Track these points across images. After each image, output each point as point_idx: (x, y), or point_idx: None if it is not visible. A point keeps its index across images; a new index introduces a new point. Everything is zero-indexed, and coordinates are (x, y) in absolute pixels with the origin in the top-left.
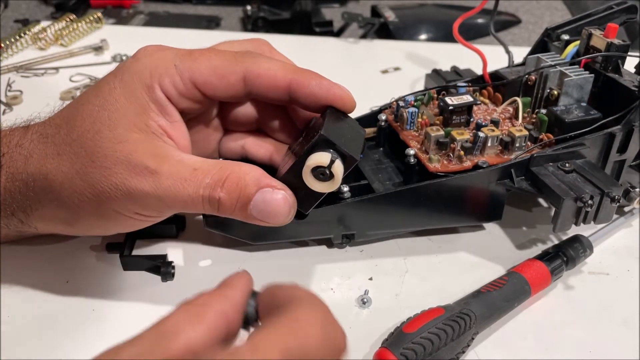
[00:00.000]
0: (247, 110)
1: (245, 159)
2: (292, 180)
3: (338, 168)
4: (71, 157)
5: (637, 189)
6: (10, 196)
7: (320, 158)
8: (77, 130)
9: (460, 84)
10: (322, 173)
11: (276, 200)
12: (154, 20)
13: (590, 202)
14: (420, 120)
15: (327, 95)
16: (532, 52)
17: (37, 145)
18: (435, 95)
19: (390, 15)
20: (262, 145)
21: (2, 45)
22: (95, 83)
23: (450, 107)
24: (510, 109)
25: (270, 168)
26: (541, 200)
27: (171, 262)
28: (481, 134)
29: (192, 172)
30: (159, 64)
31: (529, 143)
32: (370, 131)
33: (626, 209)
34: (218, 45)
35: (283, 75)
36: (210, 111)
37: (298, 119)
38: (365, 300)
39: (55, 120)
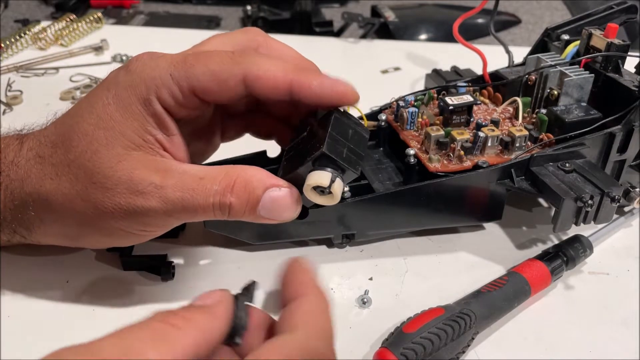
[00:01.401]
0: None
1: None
2: (294, 182)
3: (337, 187)
4: (70, 178)
5: (637, 189)
6: (11, 214)
7: (320, 179)
8: (74, 151)
9: (460, 84)
10: (322, 190)
11: (282, 198)
12: (154, 20)
13: (590, 202)
14: (420, 120)
15: (330, 93)
16: (532, 52)
17: (34, 165)
18: (435, 95)
19: (390, 15)
20: (264, 124)
21: (2, 45)
22: (87, 96)
23: (450, 107)
24: (510, 109)
25: (271, 165)
26: (541, 200)
27: (171, 262)
28: (481, 134)
29: (199, 181)
30: (154, 75)
31: (529, 143)
32: (370, 125)
33: (626, 209)
34: (210, 40)
35: (283, 76)
36: (209, 110)
37: (301, 108)
38: (365, 300)
39: (51, 138)
